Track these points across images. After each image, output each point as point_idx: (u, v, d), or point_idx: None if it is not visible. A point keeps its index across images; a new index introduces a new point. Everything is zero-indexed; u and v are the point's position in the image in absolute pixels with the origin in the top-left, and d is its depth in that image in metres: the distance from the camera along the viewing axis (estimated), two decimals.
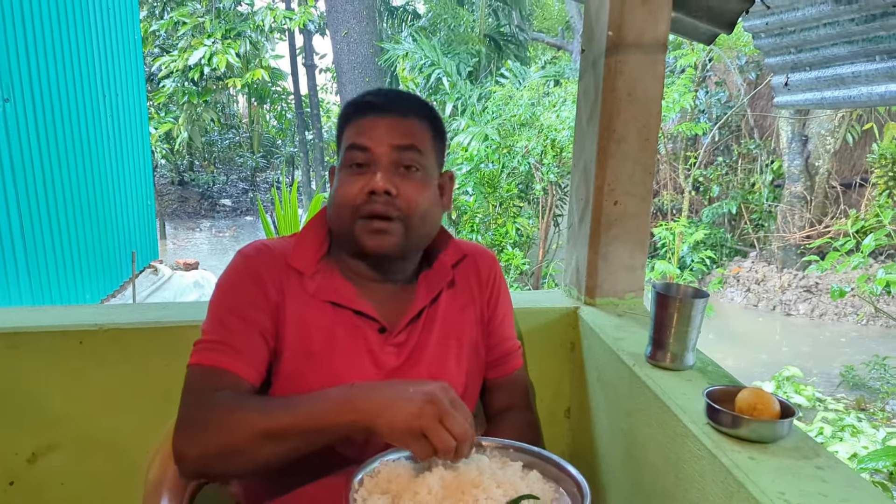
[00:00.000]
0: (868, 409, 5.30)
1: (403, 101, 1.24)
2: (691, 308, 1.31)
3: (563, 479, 1.11)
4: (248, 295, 1.21)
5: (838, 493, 0.94)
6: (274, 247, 1.28)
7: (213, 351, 1.16)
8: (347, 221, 1.21)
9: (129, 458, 1.62)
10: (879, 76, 1.97)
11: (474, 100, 8.93)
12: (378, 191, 1.17)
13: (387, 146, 1.19)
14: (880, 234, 4.86)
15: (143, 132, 7.71)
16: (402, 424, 0.96)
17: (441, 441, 0.96)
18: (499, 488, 1.05)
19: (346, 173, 1.21)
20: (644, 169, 1.69)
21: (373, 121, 1.21)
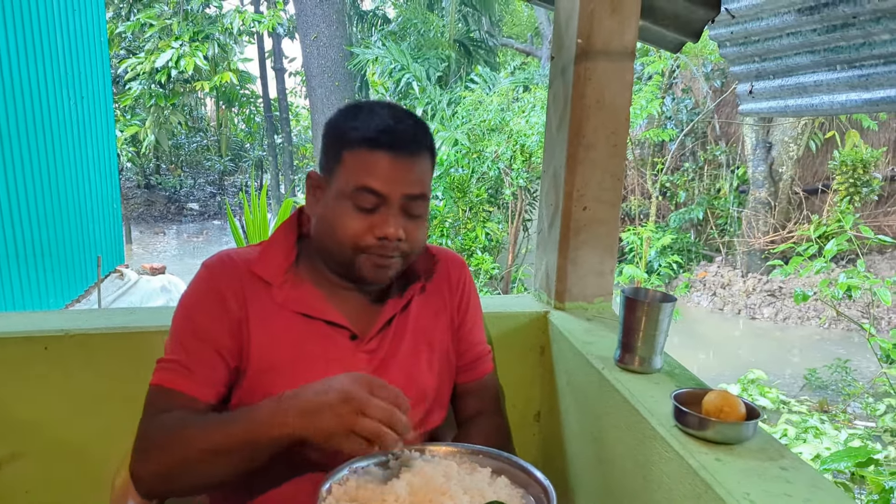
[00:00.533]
0: (830, 410, 5.40)
1: (411, 137, 1.18)
2: (659, 312, 1.33)
3: (531, 485, 1.12)
4: (208, 314, 1.21)
5: (802, 493, 0.97)
6: (238, 257, 1.26)
7: (171, 371, 1.17)
8: (348, 254, 1.19)
9: (96, 464, 1.59)
10: (840, 85, 2.02)
11: (444, 105, 8.95)
12: (391, 238, 1.17)
13: (400, 194, 1.17)
14: (841, 239, 4.95)
15: (110, 135, 7.60)
16: (326, 431, 0.98)
17: (369, 432, 0.97)
18: (466, 494, 1.06)
19: (351, 209, 1.17)
20: (613, 175, 1.71)
21: (387, 162, 1.15)
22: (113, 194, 7.62)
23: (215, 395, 1.18)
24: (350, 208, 1.17)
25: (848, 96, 2.00)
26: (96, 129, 7.18)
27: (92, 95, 7.08)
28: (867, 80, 1.90)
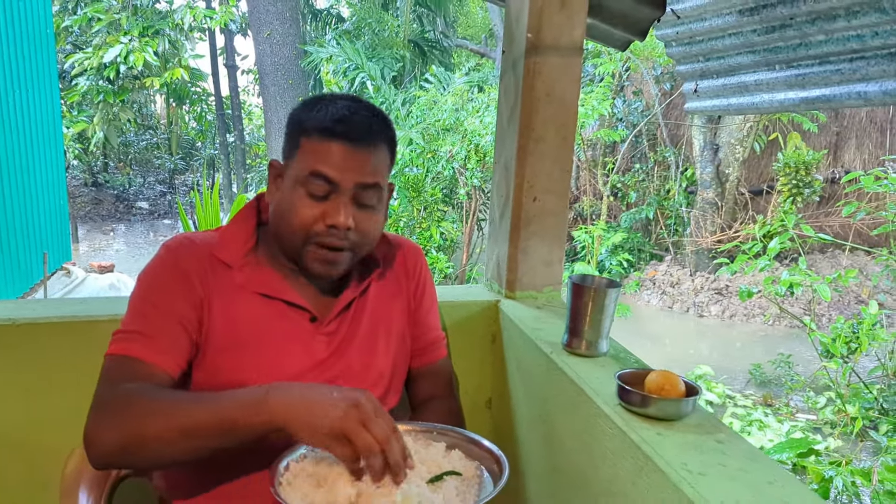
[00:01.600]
0: (774, 404, 5.57)
1: (372, 130, 1.20)
2: (605, 297, 1.37)
3: (484, 457, 1.16)
4: (169, 286, 1.20)
5: (736, 463, 1.02)
6: (198, 240, 1.28)
7: (131, 341, 1.15)
8: (298, 243, 1.21)
9: (47, 454, 1.56)
10: (779, 84, 2.10)
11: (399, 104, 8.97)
12: (340, 227, 1.18)
13: (352, 182, 1.18)
14: (784, 238, 5.12)
15: (56, 130, 7.42)
16: (325, 427, 0.97)
17: (365, 444, 0.97)
18: (423, 465, 1.09)
19: (304, 195, 1.19)
20: (562, 167, 1.76)
21: (341, 150, 1.17)
22: (59, 190, 7.44)
23: (177, 367, 1.17)
24: (303, 195, 1.18)
25: (786, 95, 2.08)
26: (43, 123, 7.00)
27: (38, 89, 6.90)
28: (804, 79, 1.98)
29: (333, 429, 0.96)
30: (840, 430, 4.82)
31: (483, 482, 1.11)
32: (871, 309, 5.06)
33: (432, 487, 1.05)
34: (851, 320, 5.27)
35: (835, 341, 5.02)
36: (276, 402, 1.00)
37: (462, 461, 1.14)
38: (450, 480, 1.08)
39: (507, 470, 1.09)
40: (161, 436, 1.03)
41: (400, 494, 1.00)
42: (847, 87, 1.89)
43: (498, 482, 1.08)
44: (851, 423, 4.73)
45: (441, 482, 1.07)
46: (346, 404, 0.97)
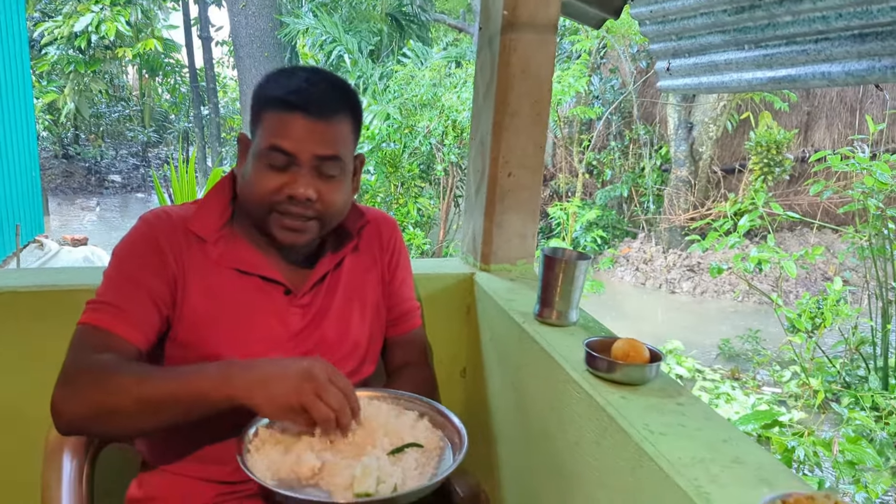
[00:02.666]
0: (741, 378, 5.71)
1: (327, 99, 1.21)
2: (575, 269, 1.43)
3: (447, 427, 1.21)
4: (143, 261, 1.23)
5: (695, 423, 1.08)
6: (174, 213, 1.30)
7: (102, 312, 1.18)
8: (262, 212, 1.23)
9: (26, 421, 1.58)
10: (748, 64, 2.16)
11: (376, 78, 8.93)
12: (299, 198, 1.20)
13: (310, 154, 1.20)
14: (754, 215, 5.22)
15: (27, 100, 7.29)
16: (281, 401, 1.03)
17: (320, 413, 1.03)
18: (386, 437, 1.14)
19: (264, 167, 1.21)
20: (536, 143, 1.80)
21: (299, 123, 1.19)
22: (31, 162, 7.34)
23: (145, 341, 1.19)
24: (264, 167, 1.21)
25: (754, 74, 2.14)
26: (13, 93, 6.88)
27: (7, 58, 6.77)
28: (771, 59, 2.03)
29: (290, 402, 1.03)
30: (803, 403, 4.96)
31: (444, 454, 1.16)
32: (835, 285, 5.19)
33: (392, 459, 1.10)
34: (817, 296, 5.40)
35: (800, 317, 5.15)
36: (238, 378, 1.05)
37: (428, 431, 1.19)
38: (410, 452, 1.12)
39: (465, 444, 1.14)
40: (125, 409, 1.07)
41: (360, 467, 1.04)
42: (812, 67, 1.95)
43: (457, 455, 1.13)
44: (814, 396, 4.87)
45: (401, 454, 1.12)
46: (298, 377, 1.03)
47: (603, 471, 1.14)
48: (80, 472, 1.32)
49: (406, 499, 1.04)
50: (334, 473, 1.06)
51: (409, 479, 1.07)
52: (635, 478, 1.04)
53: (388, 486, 1.03)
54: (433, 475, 1.09)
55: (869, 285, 5.36)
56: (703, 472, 0.94)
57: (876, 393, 4.54)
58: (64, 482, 1.29)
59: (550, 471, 1.36)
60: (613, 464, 1.10)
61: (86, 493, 1.31)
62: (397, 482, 1.05)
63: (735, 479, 0.93)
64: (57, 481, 1.29)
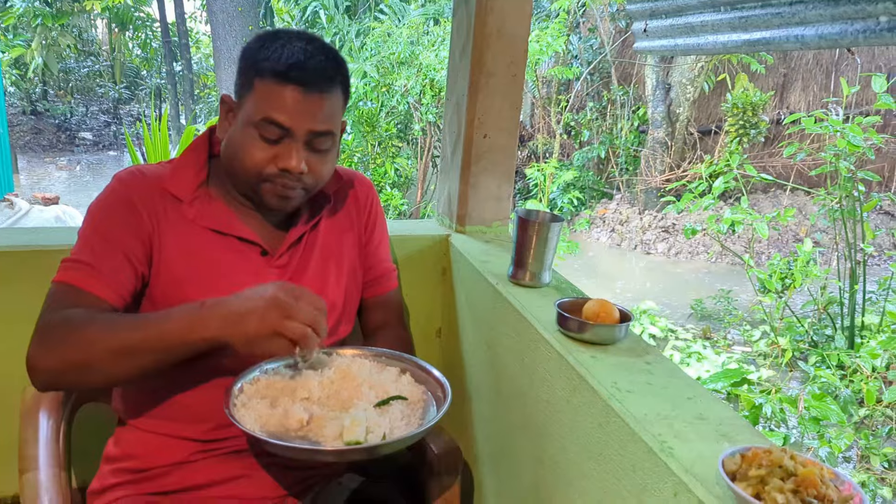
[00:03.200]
0: (713, 337, 5.82)
1: (327, 75, 1.20)
2: (548, 231, 1.44)
3: (430, 382, 1.24)
4: (118, 219, 1.22)
5: (661, 381, 1.11)
6: (149, 172, 1.29)
7: (77, 270, 1.18)
8: (252, 181, 1.23)
9: (4, 380, 1.60)
10: (723, 26, 2.16)
11: (352, 35, 8.79)
12: (293, 171, 1.20)
13: (306, 129, 1.20)
14: (728, 177, 5.27)
15: None
16: (253, 334, 1.02)
17: (294, 333, 1.03)
18: (371, 390, 1.16)
19: (256, 138, 1.20)
20: (511, 104, 1.80)
21: (295, 97, 1.18)
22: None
23: (120, 300, 1.19)
24: (255, 137, 1.20)
25: (729, 37, 2.15)
26: None
27: None
28: (746, 21, 2.04)
29: (262, 332, 1.02)
30: (772, 361, 5.08)
31: (427, 406, 1.19)
32: (805, 247, 5.29)
33: (379, 411, 1.13)
34: (788, 258, 5.50)
35: (771, 278, 5.25)
36: (210, 317, 1.05)
37: (411, 386, 1.22)
38: (396, 404, 1.16)
39: (449, 396, 1.17)
40: (98, 359, 1.07)
41: (348, 418, 1.07)
42: (786, 30, 1.96)
43: (441, 407, 1.16)
44: (782, 355, 4.99)
45: (388, 406, 1.15)
46: (264, 307, 1.03)
47: (573, 427, 1.17)
48: (56, 430, 1.33)
49: (394, 447, 1.07)
50: (322, 425, 1.08)
51: (396, 430, 1.10)
52: (604, 433, 1.07)
53: (377, 435, 1.07)
54: (419, 425, 1.12)
55: (838, 247, 5.46)
56: (668, 428, 0.98)
57: (842, 352, 4.66)
58: (41, 441, 1.30)
59: (523, 427, 1.39)
60: (583, 420, 1.14)
61: (63, 451, 1.33)
62: (385, 431, 1.08)
63: (698, 434, 0.97)
64: (34, 440, 1.30)
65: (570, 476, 1.19)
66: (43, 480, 1.25)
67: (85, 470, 1.41)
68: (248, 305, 1.04)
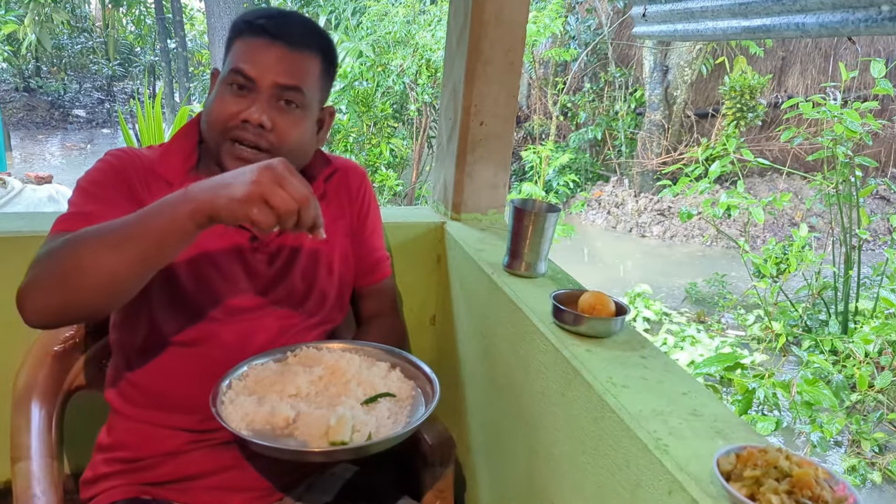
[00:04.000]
0: (707, 321, 5.84)
1: (298, 31, 1.21)
2: (544, 221, 1.43)
3: (420, 378, 1.23)
4: (112, 187, 1.21)
5: (656, 376, 1.11)
6: (141, 154, 1.28)
7: (71, 220, 1.15)
8: (216, 139, 1.22)
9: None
10: (723, 12, 2.14)
11: (349, 14, 8.71)
12: (252, 122, 1.18)
13: (271, 81, 1.19)
14: (725, 161, 5.26)
15: None
16: (240, 195, 0.95)
17: (282, 202, 0.95)
18: (360, 386, 1.16)
19: (225, 91, 1.21)
20: (508, 92, 1.78)
21: (263, 47, 1.19)
22: None
23: None
24: (225, 91, 1.21)
25: (729, 23, 2.13)
26: None
27: None
28: (746, 8, 2.02)
29: (251, 194, 0.95)
30: (766, 346, 5.10)
31: (416, 403, 1.18)
32: (801, 231, 5.29)
33: (366, 409, 1.12)
34: (783, 242, 5.50)
35: (766, 262, 5.26)
36: (196, 191, 0.98)
37: (400, 382, 1.21)
38: (383, 402, 1.15)
39: (437, 393, 1.16)
40: (94, 258, 1.00)
41: (335, 417, 1.06)
42: (787, 17, 1.94)
43: (430, 404, 1.15)
44: (776, 340, 5.01)
45: (375, 403, 1.14)
46: (258, 169, 0.97)
47: (567, 421, 1.17)
48: (49, 419, 1.33)
49: (380, 446, 1.06)
50: (309, 423, 1.07)
51: (383, 428, 1.09)
52: (598, 428, 1.07)
53: (363, 435, 1.05)
54: (406, 424, 1.11)
55: (834, 232, 5.46)
56: (662, 425, 0.97)
57: (835, 337, 4.68)
58: (33, 430, 1.30)
59: (517, 419, 1.39)
60: (577, 414, 1.13)
61: (55, 440, 1.32)
62: (371, 430, 1.07)
63: (692, 431, 0.96)
64: (26, 429, 1.30)
65: (563, 469, 1.19)
66: (35, 470, 1.25)
67: (77, 458, 1.41)
68: (238, 172, 0.99)
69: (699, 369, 4.25)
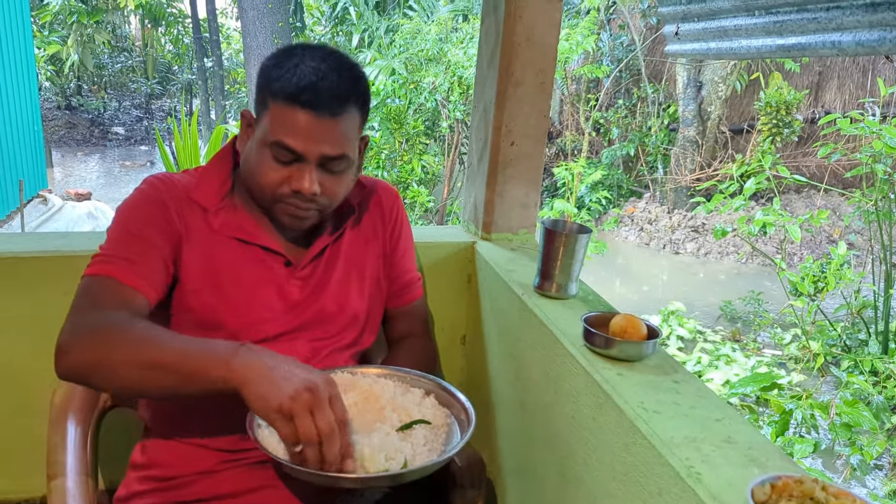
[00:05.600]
0: (742, 340, 5.74)
1: (340, 97, 1.17)
2: (575, 242, 1.43)
3: (454, 405, 1.22)
4: (150, 218, 1.23)
5: (689, 401, 1.09)
6: (177, 180, 1.30)
7: (111, 263, 1.17)
8: (267, 200, 1.23)
9: (27, 386, 1.62)
10: (757, 30, 2.12)
11: (381, 32, 8.81)
12: (306, 193, 1.19)
13: (318, 154, 1.18)
14: (760, 178, 5.19)
15: (28, 53, 7.23)
16: (274, 402, 0.95)
17: (306, 431, 0.95)
18: (394, 412, 1.15)
19: (270, 159, 1.19)
20: (539, 112, 1.78)
21: (306, 121, 1.15)
22: (34, 115, 7.30)
23: (154, 293, 1.18)
24: (269, 158, 1.19)
25: (763, 41, 2.11)
26: (13, 45, 6.81)
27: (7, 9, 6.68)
28: (781, 26, 2.00)
29: (282, 406, 0.95)
30: (803, 366, 5.00)
31: (451, 431, 1.18)
32: (840, 249, 5.19)
33: (402, 435, 1.11)
34: (821, 260, 5.40)
35: (803, 280, 5.16)
36: (239, 363, 0.99)
37: (435, 409, 1.20)
38: (419, 429, 1.14)
39: (473, 422, 1.15)
40: (127, 363, 1.05)
41: (368, 446, 1.05)
42: (822, 35, 1.92)
43: (465, 432, 1.14)
44: (814, 359, 4.91)
45: (410, 430, 1.13)
46: (301, 386, 0.96)
47: (598, 446, 1.16)
48: (84, 437, 1.35)
49: (416, 474, 1.05)
50: None
51: (419, 456, 1.08)
52: (630, 454, 1.05)
53: (398, 462, 1.05)
54: (442, 452, 1.10)
55: (873, 249, 5.36)
56: (695, 452, 0.96)
57: (875, 357, 4.58)
58: (69, 447, 1.32)
59: (547, 442, 1.38)
60: (608, 440, 1.12)
61: (90, 457, 1.34)
62: (408, 457, 1.06)
63: (726, 459, 0.95)
64: (62, 446, 1.32)
65: (594, 495, 1.18)
66: (70, 487, 1.27)
67: (112, 476, 1.43)
68: (283, 372, 0.98)
69: (734, 389, 4.18)
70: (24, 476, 1.65)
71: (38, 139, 7.42)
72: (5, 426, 1.67)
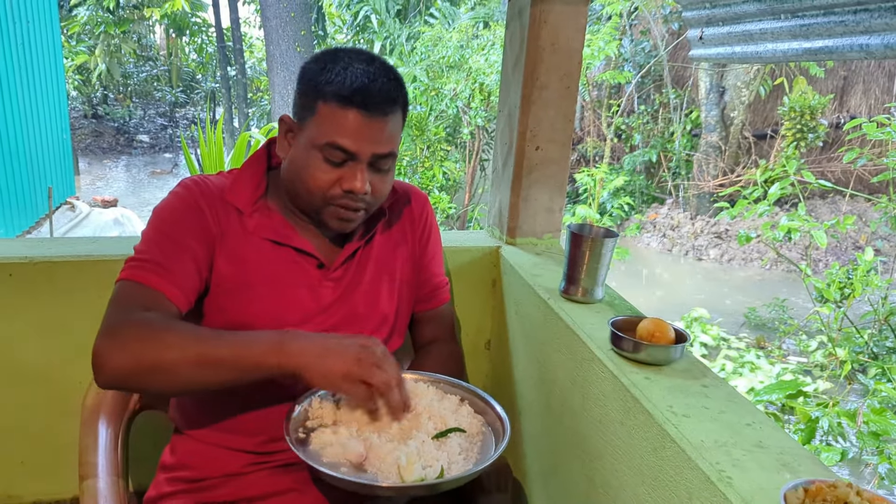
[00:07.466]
0: (767, 347, 5.68)
1: (388, 97, 1.20)
2: (601, 247, 1.42)
3: (489, 413, 1.22)
4: (185, 221, 1.24)
5: (718, 406, 1.09)
6: (212, 182, 1.32)
7: (144, 269, 1.18)
8: (316, 204, 1.24)
9: (60, 388, 1.65)
10: (783, 34, 2.10)
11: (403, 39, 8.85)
12: (358, 192, 1.21)
13: (370, 152, 1.20)
14: (785, 183, 5.13)
15: (57, 62, 7.34)
16: (339, 371, 1.05)
17: (382, 381, 1.07)
18: (430, 420, 1.16)
19: (321, 161, 1.21)
20: (565, 117, 1.78)
21: (358, 121, 1.18)
22: (62, 124, 7.42)
23: (186, 302, 1.20)
24: (319, 160, 1.21)
25: (790, 45, 2.09)
26: (43, 56, 6.93)
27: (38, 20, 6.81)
28: (808, 29, 1.98)
29: (350, 372, 1.05)
30: (829, 373, 4.93)
31: (486, 440, 1.18)
32: (866, 255, 5.11)
33: (437, 444, 1.11)
34: (847, 266, 5.33)
35: (829, 286, 5.09)
36: (291, 347, 1.07)
37: (470, 417, 1.20)
38: (454, 437, 1.14)
39: (508, 432, 1.15)
40: (176, 364, 1.08)
41: (404, 456, 1.05)
42: (850, 38, 1.90)
43: (500, 442, 1.14)
44: (841, 367, 4.84)
45: (446, 438, 1.13)
46: (357, 349, 1.07)
47: (626, 450, 1.16)
48: (115, 438, 1.37)
49: (451, 484, 1.05)
50: (380, 457, 1.07)
51: (455, 465, 1.08)
52: (658, 458, 1.05)
53: (434, 470, 1.05)
54: (477, 461, 1.11)
55: None
56: (726, 456, 0.95)
57: None
58: (100, 449, 1.34)
59: (574, 446, 1.37)
60: (637, 444, 1.12)
61: (121, 458, 1.36)
62: (444, 466, 1.06)
63: (757, 463, 0.94)
64: (94, 447, 1.34)
65: (622, 500, 1.17)
66: (102, 488, 1.29)
67: (142, 477, 1.44)
68: (336, 345, 1.08)
69: (759, 396, 4.13)
70: (57, 477, 1.68)
71: (67, 147, 7.54)
72: (38, 428, 1.70)
